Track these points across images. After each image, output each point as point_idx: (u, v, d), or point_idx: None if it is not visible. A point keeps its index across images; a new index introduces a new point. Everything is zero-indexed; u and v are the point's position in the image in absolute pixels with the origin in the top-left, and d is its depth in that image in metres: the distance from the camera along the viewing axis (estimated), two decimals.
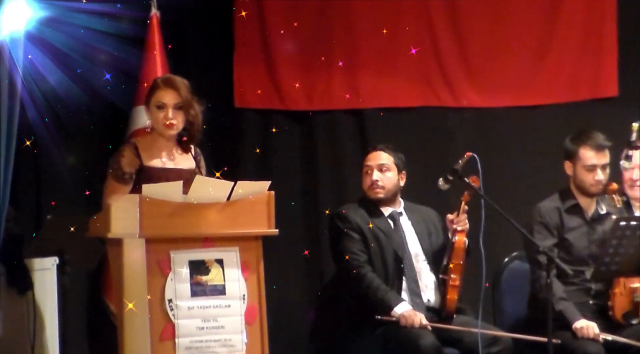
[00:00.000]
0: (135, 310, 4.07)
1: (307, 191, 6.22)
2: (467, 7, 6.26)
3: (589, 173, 5.20)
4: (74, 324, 5.35)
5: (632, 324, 5.05)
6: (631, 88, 6.18)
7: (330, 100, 6.24)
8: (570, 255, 5.18)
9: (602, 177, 5.19)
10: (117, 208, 4.15)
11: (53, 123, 5.33)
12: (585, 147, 5.20)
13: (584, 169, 5.21)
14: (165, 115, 4.57)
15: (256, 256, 4.39)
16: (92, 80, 5.37)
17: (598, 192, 5.23)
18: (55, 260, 4.83)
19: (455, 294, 5.04)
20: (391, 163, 5.29)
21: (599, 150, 5.19)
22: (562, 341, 4.83)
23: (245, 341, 4.29)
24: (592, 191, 5.22)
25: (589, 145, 5.19)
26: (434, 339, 4.85)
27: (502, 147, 6.24)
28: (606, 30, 6.27)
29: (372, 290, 5.03)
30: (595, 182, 5.19)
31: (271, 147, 6.20)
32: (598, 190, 5.22)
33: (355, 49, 6.22)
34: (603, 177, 5.19)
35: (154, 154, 4.61)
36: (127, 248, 4.12)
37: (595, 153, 5.19)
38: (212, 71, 5.99)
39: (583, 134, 5.25)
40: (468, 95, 6.29)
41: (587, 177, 5.21)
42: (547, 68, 6.29)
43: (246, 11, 6.15)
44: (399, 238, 5.22)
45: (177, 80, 4.63)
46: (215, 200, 4.28)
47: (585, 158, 5.20)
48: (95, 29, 5.22)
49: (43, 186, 5.61)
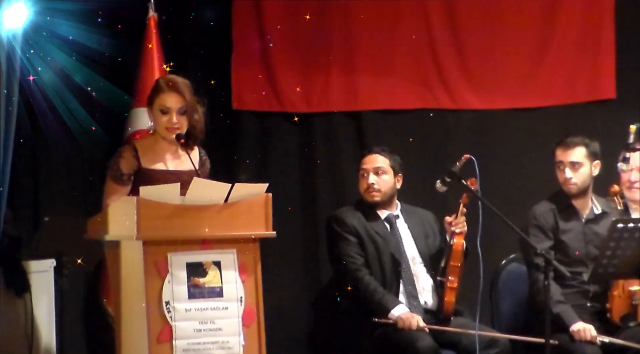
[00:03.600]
0: (132, 315, 4.08)
1: (305, 193, 6.22)
2: (465, 10, 6.26)
3: (559, 172, 5.25)
4: (72, 326, 5.36)
5: (630, 326, 5.05)
6: (629, 91, 6.18)
7: (328, 102, 6.24)
8: (566, 256, 5.18)
9: (570, 175, 5.20)
10: (114, 210, 4.14)
11: (52, 124, 5.33)
12: (557, 146, 5.26)
13: (555, 167, 5.25)
14: (169, 119, 4.57)
15: (254, 258, 4.39)
16: (90, 81, 5.37)
17: (571, 192, 5.24)
18: (53, 262, 4.84)
19: (453, 296, 5.04)
20: (387, 166, 5.29)
21: (567, 148, 5.22)
22: (559, 343, 4.84)
23: (242, 344, 4.29)
24: (568, 191, 5.24)
25: (560, 143, 5.26)
26: (431, 342, 4.85)
27: (499, 149, 6.24)
28: (604, 32, 6.27)
29: (370, 292, 5.03)
30: (564, 180, 5.22)
31: (269, 149, 6.21)
32: (570, 190, 5.23)
33: (353, 51, 6.22)
34: (571, 175, 5.20)
35: (153, 156, 4.62)
36: (125, 250, 4.12)
37: (562, 150, 5.23)
38: (210, 73, 5.99)
39: (562, 137, 5.29)
40: (466, 97, 6.29)
41: (558, 175, 5.26)
42: (545, 70, 6.29)
43: (244, 13, 6.16)
44: (395, 240, 5.22)
45: (180, 83, 4.62)
46: (213, 202, 4.28)
47: (555, 156, 5.26)
48: (93, 31, 5.22)
49: (41, 189, 5.60)
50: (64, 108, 5.21)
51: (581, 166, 5.22)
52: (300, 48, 6.22)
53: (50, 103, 5.14)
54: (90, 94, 5.39)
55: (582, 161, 5.22)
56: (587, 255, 5.20)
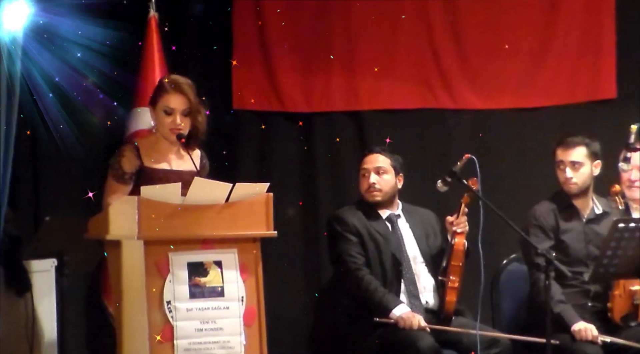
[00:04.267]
0: (133, 315, 4.08)
1: (306, 193, 6.22)
2: (465, 10, 6.26)
3: (560, 172, 5.24)
4: (73, 326, 5.35)
5: (631, 326, 5.05)
6: (629, 91, 6.18)
7: (329, 102, 6.24)
8: (567, 256, 5.18)
9: (571, 175, 5.20)
10: (115, 210, 4.15)
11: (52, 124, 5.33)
12: (558, 146, 5.26)
13: (556, 167, 5.24)
14: (173, 120, 4.57)
15: (255, 258, 4.39)
16: (90, 81, 5.37)
17: (572, 192, 5.23)
18: (54, 262, 4.83)
19: (454, 296, 5.04)
20: (388, 165, 5.28)
21: (567, 147, 5.21)
22: (560, 343, 4.83)
23: (243, 343, 4.30)
24: (569, 191, 5.24)
25: (560, 143, 5.25)
26: (432, 341, 4.85)
27: (500, 149, 6.25)
28: (604, 32, 6.27)
29: (370, 292, 5.03)
30: (565, 180, 5.22)
31: (270, 148, 6.21)
32: (571, 189, 5.23)
33: (354, 51, 6.22)
34: (572, 174, 5.19)
35: (155, 156, 4.62)
36: (126, 250, 4.12)
37: (562, 150, 5.23)
38: (211, 73, 5.99)
39: (562, 136, 5.28)
40: (467, 97, 6.29)
41: (559, 175, 5.25)
42: (545, 70, 6.29)
43: (245, 13, 6.16)
44: (396, 240, 5.21)
45: (184, 84, 4.61)
46: (214, 202, 4.28)
47: (555, 156, 5.25)
48: (94, 31, 5.22)
49: (42, 188, 5.60)
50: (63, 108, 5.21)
51: (582, 166, 5.21)
52: (301, 48, 6.22)
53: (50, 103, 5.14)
54: (91, 94, 5.39)
55: (583, 161, 5.21)
56: (588, 254, 5.20)
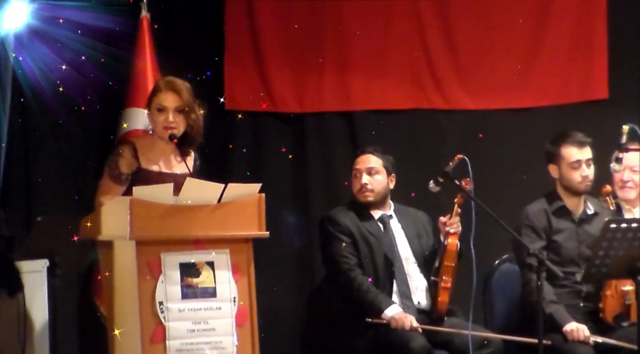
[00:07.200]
0: (125, 315, 4.07)
1: (298, 193, 6.22)
2: (457, 10, 6.27)
3: (575, 171, 5.21)
4: (65, 327, 5.34)
5: (623, 326, 5.06)
6: (621, 91, 6.19)
7: (321, 102, 6.25)
8: (559, 256, 5.19)
9: (588, 173, 5.20)
10: (107, 210, 4.14)
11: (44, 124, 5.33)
12: (567, 145, 5.22)
13: (569, 167, 5.22)
14: (165, 118, 4.56)
15: (247, 258, 4.39)
16: (83, 82, 5.36)
17: (587, 190, 5.24)
18: (46, 262, 4.82)
19: (447, 296, 5.04)
20: (380, 166, 5.28)
21: (581, 146, 5.21)
22: (552, 343, 4.84)
23: (236, 344, 4.29)
24: (582, 189, 5.23)
25: (570, 143, 5.22)
26: (424, 342, 4.85)
27: (492, 149, 6.25)
28: (596, 32, 6.28)
29: (362, 292, 5.03)
30: (583, 178, 5.21)
31: (262, 149, 6.21)
32: (587, 187, 5.23)
33: (346, 51, 6.23)
34: (589, 172, 5.20)
35: (151, 157, 4.61)
36: (118, 250, 4.11)
37: (577, 149, 5.20)
38: (203, 73, 5.97)
39: (562, 134, 5.28)
40: (459, 97, 6.30)
41: (573, 174, 5.22)
42: (537, 70, 6.30)
43: (237, 13, 6.16)
44: (389, 241, 5.21)
45: (178, 83, 4.61)
46: (206, 202, 4.28)
47: (568, 156, 5.21)
48: (85, 31, 5.22)
49: (33, 188, 5.59)
50: (56, 108, 5.20)
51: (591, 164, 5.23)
52: (293, 48, 6.22)
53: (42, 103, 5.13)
54: (83, 94, 5.39)
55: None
56: (580, 255, 5.20)
